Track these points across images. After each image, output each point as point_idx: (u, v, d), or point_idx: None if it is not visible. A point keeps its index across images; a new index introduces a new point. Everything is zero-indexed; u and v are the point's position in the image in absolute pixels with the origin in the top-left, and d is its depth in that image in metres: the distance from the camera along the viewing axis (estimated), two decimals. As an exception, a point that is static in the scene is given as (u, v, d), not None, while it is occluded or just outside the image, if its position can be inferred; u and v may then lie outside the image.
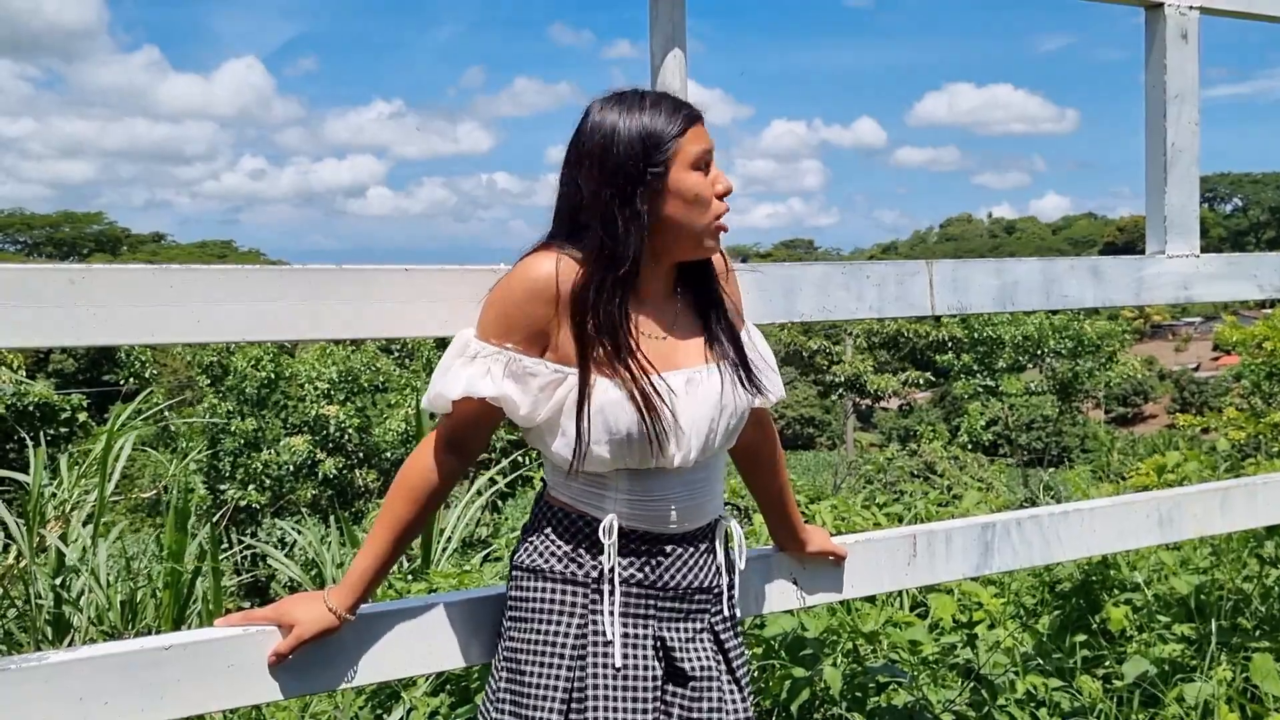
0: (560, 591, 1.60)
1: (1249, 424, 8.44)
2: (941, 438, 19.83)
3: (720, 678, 1.63)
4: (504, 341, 1.56)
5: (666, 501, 1.61)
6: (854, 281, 2.15)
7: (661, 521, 1.61)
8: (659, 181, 1.54)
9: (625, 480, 1.59)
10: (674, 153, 1.54)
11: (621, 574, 1.59)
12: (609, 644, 1.57)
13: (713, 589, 1.68)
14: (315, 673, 1.67)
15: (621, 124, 1.55)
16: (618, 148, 1.54)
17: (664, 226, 1.56)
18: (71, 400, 15.84)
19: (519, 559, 1.66)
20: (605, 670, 1.56)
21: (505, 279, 1.58)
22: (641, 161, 1.53)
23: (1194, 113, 2.53)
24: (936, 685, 2.85)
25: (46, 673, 1.50)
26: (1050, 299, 2.38)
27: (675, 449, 1.57)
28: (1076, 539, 2.37)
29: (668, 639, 1.61)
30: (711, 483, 1.67)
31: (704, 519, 1.66)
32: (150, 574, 3.81)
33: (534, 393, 1.55)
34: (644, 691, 1.57)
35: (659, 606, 1.61)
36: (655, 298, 1.63)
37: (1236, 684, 2.77)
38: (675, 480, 1.61)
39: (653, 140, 1.54)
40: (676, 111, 1.57)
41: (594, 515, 1.60)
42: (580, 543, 1.61)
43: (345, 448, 15.60)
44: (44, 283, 1.52)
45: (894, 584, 2.20)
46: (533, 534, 1.66)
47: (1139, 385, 42.75)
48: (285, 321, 1.66)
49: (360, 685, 1.75)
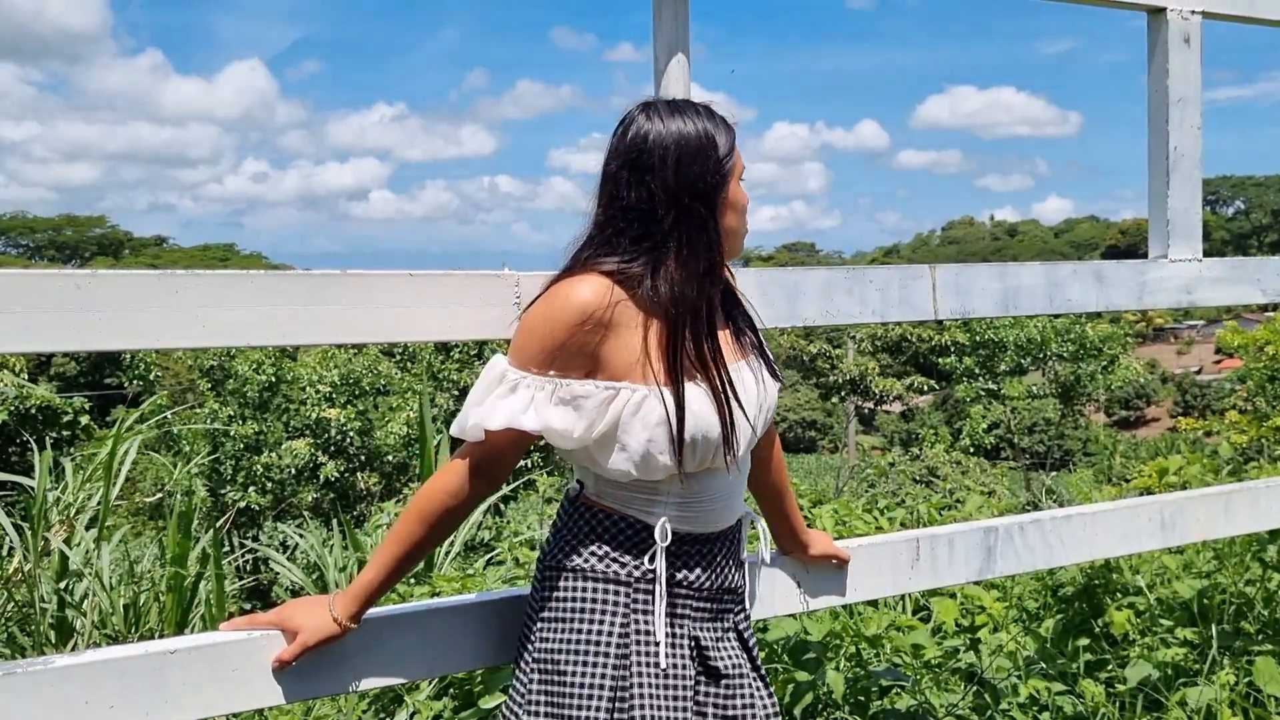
0: (604, 591, 1.60)
1: (1251, 428, 8.44)
2: (944, 441, 19.83)
3: (749, 674, 1.66)
4: (546, 369, 1.54)
5: (713, 502, 1.63)
6: (857, 286, 2.16)
7: (707, 522, 1.63)
8: (723, 191, 1.60)
9: (679, 483, 1.59)
10: (732, 164, 1.61)
11: (667, 574, 1.60)
12: (656, 644, 1.57)
13: (738, 589, 1.70)
14: (319, 677, 1.67)
15: (692, 131, 1.58)
16: (685, 158, 1.57)
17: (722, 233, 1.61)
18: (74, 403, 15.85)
19: (555, 560, 1.64)
20: (651, 670, 1.57)
21: (546, 304, 1.56)
22: (711, 173, 1.58)
23: (1196, 117, 2.53)
24: (939, 689, 2.85)
25: (52, 677, 1.51)
26: (1053, 303, 2.38)
27: (729, 446, 1.59)
28: (1079, 543, 2.38)
29: (701, 639, 1.63)
30: (743, 483, 1.71)
31: (735, 516, 1.69)
32: (153, 578, 3.81)
33: (589, 414, 1.54)
34: (684, 691, 1.58)
35: (694, 607, 1.63)
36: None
37: (1239, 688, 2.76)
38: (723, 480, 1.63)
39: (719, 150, 1.59)
40: (724, 122, 1.63)
41: (642, 519, 1.60)
42: (624, 545, 1.61)
43: (347, 451, 15.59)
44: (49, 288, 1.52)
45: (897, 588, 2.21)
46: (569, 535, 1.65)
47: (1141, 388, 42.72)
48: (289, 326, 1.67)
49: (364, 690, 1.76)
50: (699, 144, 1.57)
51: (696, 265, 1.55)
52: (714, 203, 1.57)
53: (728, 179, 1.60)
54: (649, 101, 1.62)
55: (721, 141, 1.59)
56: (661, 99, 1.64)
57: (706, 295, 1.57)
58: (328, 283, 1.69)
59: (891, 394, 31.68)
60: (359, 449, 15.58)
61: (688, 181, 1.55)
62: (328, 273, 1.70)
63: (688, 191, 1.55)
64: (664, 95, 2.04)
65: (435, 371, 16.03)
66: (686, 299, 1.54)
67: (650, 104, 1.61)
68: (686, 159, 1.56)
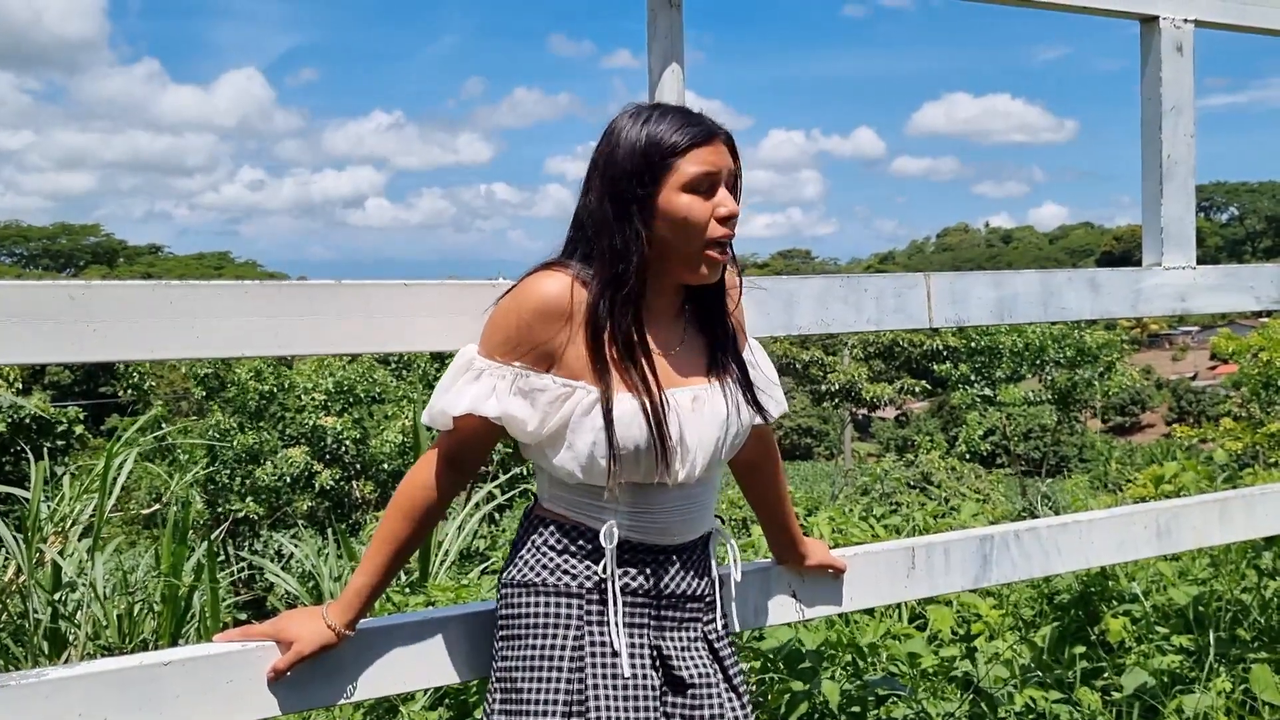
0: (554, 604, 1.59)
1: (1245, 434, 8.45)
2: (939, 448, 19.82)
3: (718, 684, 1.62)
4: (510, 359, 1.55)
5: (666, 515, 1.61)
6: (852, 294, 2.16)
7: (659, 534, 1.61)
8: (651, 200, 1.53)
9: (627, 494, 1.58)
10: (668, 172, 1.52)
11: (620, 582, 1.58)
12: (613, 654, 1.56)
13: (705, 597, 1.67)
14: (314, 688, 1.67)
15: (626, 137, 1.54)
16: (619, 162, 1.54)
17: (658, 246, 1.55)
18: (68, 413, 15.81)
19: (508, 576, 1.65)
20: (607, 680, 1.55)
21: (512, 296, 1.57)
22: (635, 178, 1.52)
23: (1190, 125, 2.54)
24: (935, 698, 2.85)
25: (47, 689, 1.50)
26: (1048, 311, 2.39)
27: (680, 466, 1.57)
28: (1075, 551, 2.37)
29: (663, 647, 1.60)
30: (709, 497, 1.67)
31: (699, 531, 1.66)
32: (148, 589, 3.80)
33: (543, 408, 1.54)
34: (645, 701, 1.55)
35: (653, 615, 1.61)
36: (664, 314, 1.63)
37: (1235, 695, 2.76)
38: (676, 495, 1.61)
39: (650, 156, 1.52)
40: (686, 128, 1.54)
41: (591, 525, 1.59)
42: (575, 553, 1.60)
43: (342, 459, 15.57)
44: (44, 299, 1.52)
45: (893, 596, 2.20)
46: (522, 549, 1.65)
47: (1137, 394, 42.77)
48: (284, 337, 1.67)
49: (359, 700, 1.75)
50: (635, 149, 1.52)
51: (607, 276, 1.52)
52: (628, 211, 1.51)
53: (657, 186, 1.52)
54: (638, 105, 1.60)
55: (663, 146, 1.52)
56: (650, 103, 1.61)
57: (616, 309, 1.52)
58: (323, 293, 1.69)
59: (883, 399, 31.69)
60: (354, 457, 15.57)
61: (609, 189, 1.53)
62: (323, 283, 1.70)
63: (610, 197, 1.53)
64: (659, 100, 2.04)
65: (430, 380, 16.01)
66: (596, 311, 1.52)
67: (633, 107, 1.59)
68: (619, 164, 1.53)
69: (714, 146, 1.55)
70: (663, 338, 1.62)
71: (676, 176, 1.53)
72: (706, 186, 1.54)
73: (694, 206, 1.53)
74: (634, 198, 1.52)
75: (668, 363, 1.60)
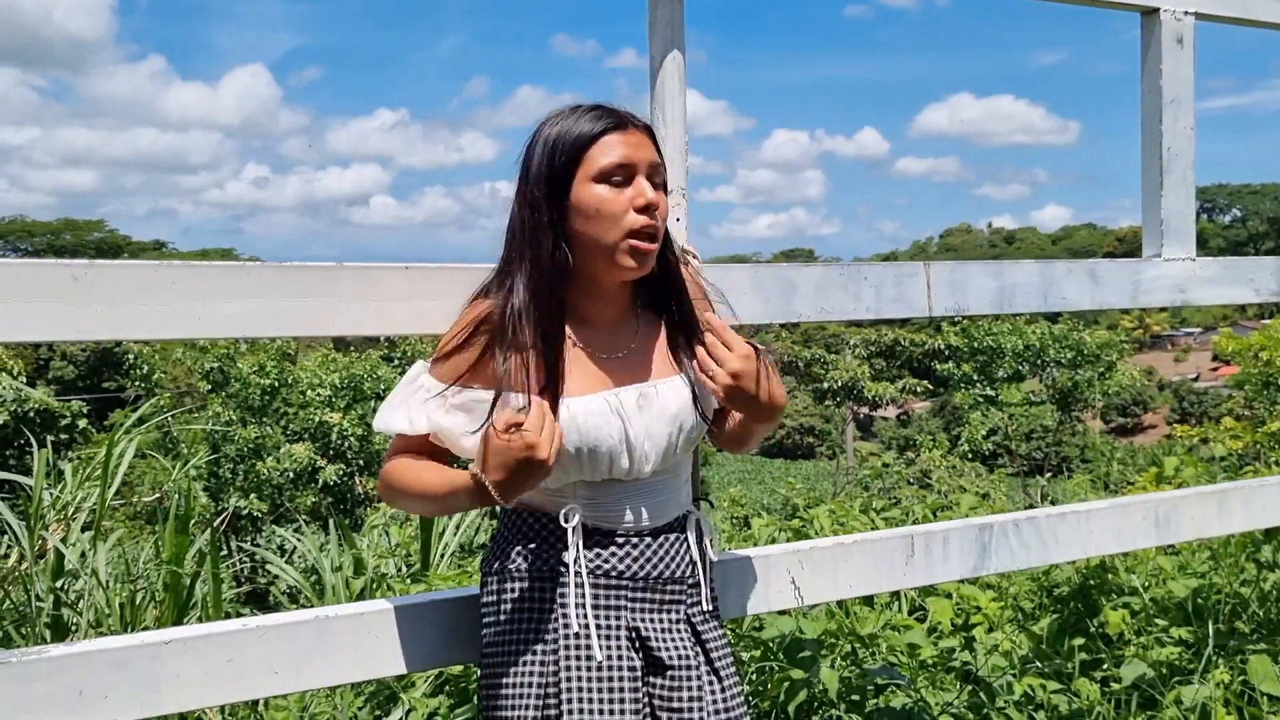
0: (526, 590, 1.61)
1: (1246, 433, 8.44)
2: (941, 447, 19.79)
3: (699, 668, 1.62)
4: (449, 379, 1.58)
5: (623, 506, 1.61)
6: (851, 282, 2.16)
7: (619, 521, 1.62)
8: (564, 197, 1.52)
9: (583, 487, 1.60)
10: (578, 164, 1.51)
11: (589, 565, 1.59)
12: (582, 636, 1.56)
13: (685, 580, 1.67)
14: (315, 671, 1.67)
15: (541, 138, 1.55)
16: (533, 165, 1.54)
17: (577, 243, 1.54)
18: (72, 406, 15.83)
19: (488, 564, 1.67)
20: (579, 663, 1.55)
21: (451, 327, 1.61)
22: (547, 178, 1.52)
23: (1189, 117, 2.55)
24: (935, 688, 2.85)
25: (48, 666, 1.51)
26: (1048, 301, 2.39)
27: (628, 463, 1.58)
28: (1073, 540, 2.38)
29: (642, 629, 1.60)
30: (674, 486, 1.68)
31: (668, 516, 1.66)
32: (149, 577, 3.81)
33: (479, 418, 1.55)
34: (621, 682, 1.56)
35: (630, 597, 1.61)
36: (606, 315, 1.63)
37: (1234, 686, 2.77)
38: (633, 489, 1.62)
39: (559, 153, 1.52)
40: (597, 120, 1.52)
41: (554, 513, 1.61)
42: (544, 539, 1.61)
43: (346, 455, 15.59)
44: (46, 278, 1.53)
45: (892, 584, 2.21)
46: (498, 538, 1.68)
47: (1138, 395, 42.73)
48: (286, 318, 1.67)
49: (357, 680, 1.76)
50: (546, 147, 1.53)
51: (526, 286, 1.53)
52: (543, 213, 1.51)
53: (569, 181, 1.51)
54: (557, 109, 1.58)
55: (570, 140, 1.51)
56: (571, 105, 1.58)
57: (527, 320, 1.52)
58: (325, 275, 1.70)
59: (885, 398, 31.68)
60: (358, 453, 15.58)
61: (530, 193, 1.54)
62: (325, 265, 1.71)
63: (529, 204, 1.54)
64: (660, 91, 2.05)
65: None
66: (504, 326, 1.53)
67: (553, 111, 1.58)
68: (534, 167, 1.54)
69: (627, 135, 1.54)
70: (605, 339, 1.62)
71: (586, 168, 1.52)
72: (621, 177, 1.53)
73: (606, 197, 1.52)
74: (547, 198, 1.52)
75: (616, 365, 1.61)
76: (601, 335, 1.62)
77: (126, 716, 1.55)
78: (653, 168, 1.55)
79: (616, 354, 1.62)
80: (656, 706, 1.59)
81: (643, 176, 1.54)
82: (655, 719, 1.59)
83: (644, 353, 1.64)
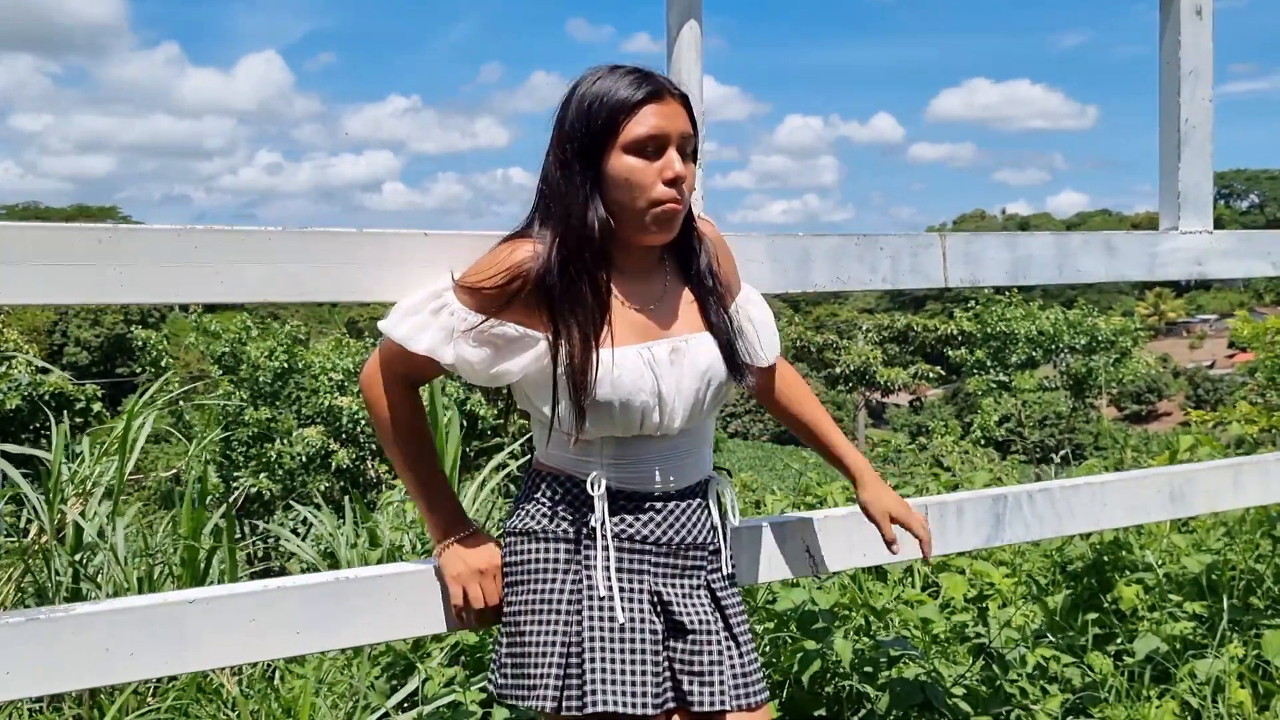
0: (552, 550, 1.62)
1: (1261, 417, 8.40)
2: (954, 434, 19.78)
3: (719, 633, 1.64)
4: (485, 312, 1.57)
5: (651, 465, 1.63)
6: (867, 253, 2.17)
7: (647, 482, 1.63)
8: (600, 163, 1.54)
9: (611, 445, 1.61)
10: (614, 134, 1.53)
11: (613, 529, 1.61)
12: (605, 598, 1.58)
13: (707, 545, 1.69)
14: (332, 632, 1.69)
15: (578, 97, 1.56)
16: (570, 125, 1.55)
17: (611, 207, 1.56)
18: (86, 390, 15.91)
19: (510, 524, 1.69)
20: (601, 624, 1.57)
21: (491, 254, 1.60)
22: (582, 141, 1.54)
23: (1207, 89, 2.53)
24: (948, 661, 2.86)
25: (74, 624, 1.53)
26: (1063, 273, 2.39)
27: (659, 418, 1.59)
28: (1087, 512, 2.38)
29: (664, 594, 1.63)
30: (698, 446, 1.69)
31: (691, 479, 1.68)
32: (166, 552, 3.84)
33: (506, 354, 1.57)
34: (643, 644, 1.58)
35: (653, 562, 1.63)
36: (638, 269, 1.64)
37: (1248, 660, 2.77)
38: (661, 445, 1.63)
39: (597, 117, 1.53)
40: (635, 87, 1.53)
41: (580, 477, 1.63)
42: (570, 503, 1.63)
43: (358, 439, 15.66)
44: (74, 242, 1.55)
45: (906, 553, 2.21)
46: (523, 500, 1.69)
47: (1153, 382, 42.54)
48: (305, 283, 1.69)
49: (373, 642, 1.78)
50: (583, 110, 1.54)
51: (559, 239, 1.55)
52: (577, 175, 1.54)
53: (604, 150, 1.53)
54: (596, 66, 1.59)
55: (611, 106, 1.52)
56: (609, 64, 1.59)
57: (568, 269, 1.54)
58: (345, 241, 1.71)
59: (897, 383, 31.62)
60: (370, 437, 15.65)
61: (564, 152, 1.55)
62: (345, 231, 1.72)
63: (561, 162, 1.56)
64: (676, 62, 2.05)
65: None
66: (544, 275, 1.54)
67: (592, 69, 1.59)
68: (570, 127, 1.55)
69: (663, 105, 1.55)
70: (638, 293, 1.63)
71: (621, 138, 1.53)
72: (653, 149, 1.54)
73: (637, 167, 1.54)
74: (580, 159, 1.54)
75: (646, 317, 1.62)
76: (635, 286, 1.64)
77: (151, 673, 1.58)
78: (684, 138, 1.57)
79: (649, 305, 1.63)
80: (677, 670, 1.62)
81: (674, 148, 1.56)
82: (675, 682, 1.62)
83: (671, 306, 1.66)
